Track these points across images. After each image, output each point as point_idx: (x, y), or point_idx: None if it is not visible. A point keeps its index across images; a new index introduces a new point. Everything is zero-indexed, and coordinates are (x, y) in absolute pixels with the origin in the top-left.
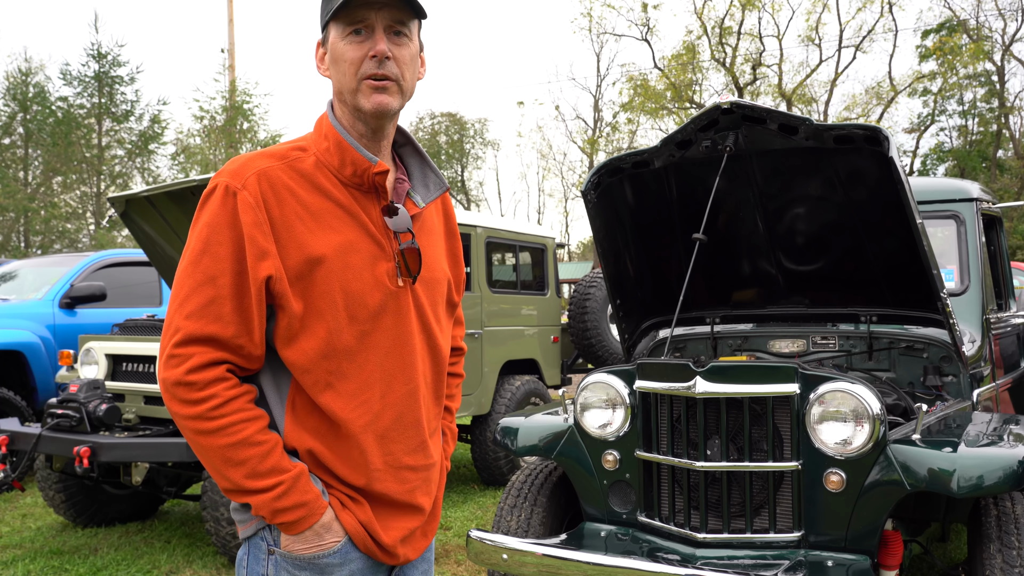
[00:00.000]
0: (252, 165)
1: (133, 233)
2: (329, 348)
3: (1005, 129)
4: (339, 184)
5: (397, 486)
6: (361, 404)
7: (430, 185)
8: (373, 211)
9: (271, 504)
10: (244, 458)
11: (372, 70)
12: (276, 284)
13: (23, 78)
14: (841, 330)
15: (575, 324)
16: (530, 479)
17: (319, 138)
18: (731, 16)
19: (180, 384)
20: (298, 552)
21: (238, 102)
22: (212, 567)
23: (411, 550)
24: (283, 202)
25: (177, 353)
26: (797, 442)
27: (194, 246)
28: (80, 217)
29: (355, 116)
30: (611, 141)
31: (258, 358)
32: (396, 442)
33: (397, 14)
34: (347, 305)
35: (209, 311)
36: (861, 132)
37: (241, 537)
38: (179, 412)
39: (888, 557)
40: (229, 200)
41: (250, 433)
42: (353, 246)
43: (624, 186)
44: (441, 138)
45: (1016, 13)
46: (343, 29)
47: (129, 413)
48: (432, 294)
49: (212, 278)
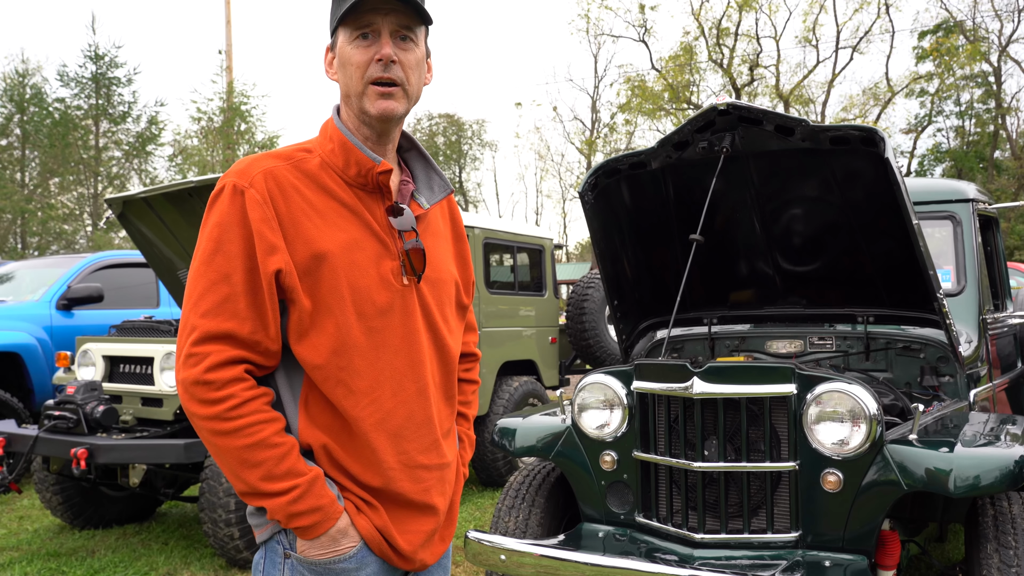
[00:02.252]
0: (258, 165)
1: (130, 234)
2: (339, 344)
3: (1002, 130)
4: (344, 184)
5: (412, 485)
6: (372, 402)
7: (434, 187)
8: (378, 211)
9: (286, 508)
10: (260, 460)
11: (378, 73)
12: (286, 278)
13: (20, 79)
14: (838, 330)
15: (573, 325)
16: (528, 480)
17: (324, 140)
18: (728, 17)
19: (199, 383)
20: (314, 557)
21: (236, 103)
22: (210, 569)
23: (429, 555)
24: (289, 199)
25: (195, 352)
26: (794, 442)
27: (205, 245)
28: (77, 218)
29: (361, 120)
30: (609, 142)
31: (275, 353)
32: (409, 440)
33: (403, 19)
34: (355, 301)
35: (225, 308)
36: (857, 133)
37: (257, 541)
38: (197, 412)
39: (886, 557)
40: (237, 198)
41: (267, 435)
42: (358, 244)
43: (621, 187)
44: (439, 139)
45: (1013, 14)
46: (351, 33)
47: (126, 415)
48: (439, 294)
49: (226, 275)
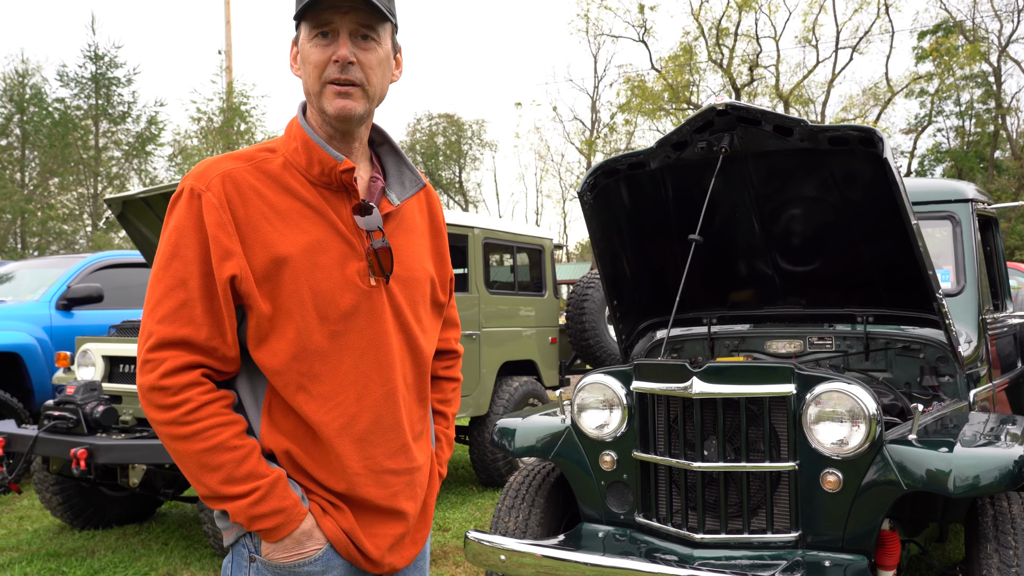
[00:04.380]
0: (217, 167)
1: (130, 234)
2: (300, 349)
3: (1002, 130)
4: (307, 184)
5: (378, 491)
6: (335, 407)
7: (406, 183)
8: (343, 210)
9: (248, 511)
10: (220, 463)
11: (335, 75)
12: (241, 284)
13: (20, 79)
14: (838, 331)
15: (573, 325)
16: (528, 480)
17: (288, 139)
18: (728, 17)
19: (154, 389)
20: (279, 560)
21: (235, 103)
22: (210, 569)
23: (399, 558)
24: (248, 202)
25: (151, 358)
26: (794, 442)
27: (164, 250)
28: (77, 218)
29: (322, 118)
30: (609, 142)
31: (233, 359)
32: (376, 445)
33: (363, 18)
34: (317, 305)
35: (181, 314)
36: (856, 133)
37: (225, 544)
38: (155, 417)
39: (885, 557)
40: (194, 202)
41: (226, 438)
42: (322, 245)
43: (620, 187)
44: (439, 139)
45: (1012, 14)
46: (310, 31)
47: (126, 415)
48: (411, 293)
49: (182, 281)
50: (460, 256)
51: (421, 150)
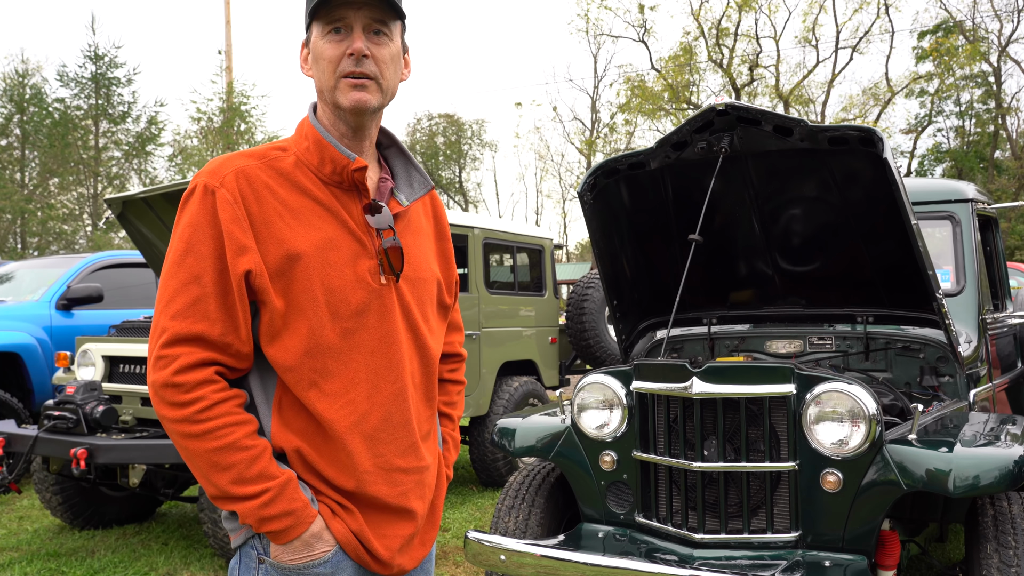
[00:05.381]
0: (230, 164)
1: (130, 234)
2: (312, 345)
3: (1002, 130)
4: (319, 182)
5: (388, 488)
6: (347, 404)
7: (414, 184)
8: (354, 209)
9: (257, 512)
10: (230, 463)
11: (350, 68)
12: (256, 279)
13: (20, 79)
14: (838, 331)
15: (573, 325)
16: (528, 480)
17: (300, 138)
18: (728, 17)
19: (168, 386)
20: (287, 562)
21: (235, 103)
22: (210, 569)
23: (408, 560)
24: (262, 199)
25: (165, 354)
26: (794, 442)
27: (177, 247)
28: (77, 218)
29: (336, 115)
30: (609, 142)
31: (247, 356)
32: (385, 443)
33: (376, 13)
34: (328, 302)
35: (195, 310)
36: (855, 133)
37: (233, 546)
38: (166, 415)
39: (885, 557)
40: (208, 199)
41: (238, 437)
42: (334, 243)
43: (620, 187)
44: (439, 139)
45: (1012, 14)
46: (323, 28)
47: (126, 415)
48: (419, 293)
49: (196, 277)
50: (460, 256)
51: (421, 150)
